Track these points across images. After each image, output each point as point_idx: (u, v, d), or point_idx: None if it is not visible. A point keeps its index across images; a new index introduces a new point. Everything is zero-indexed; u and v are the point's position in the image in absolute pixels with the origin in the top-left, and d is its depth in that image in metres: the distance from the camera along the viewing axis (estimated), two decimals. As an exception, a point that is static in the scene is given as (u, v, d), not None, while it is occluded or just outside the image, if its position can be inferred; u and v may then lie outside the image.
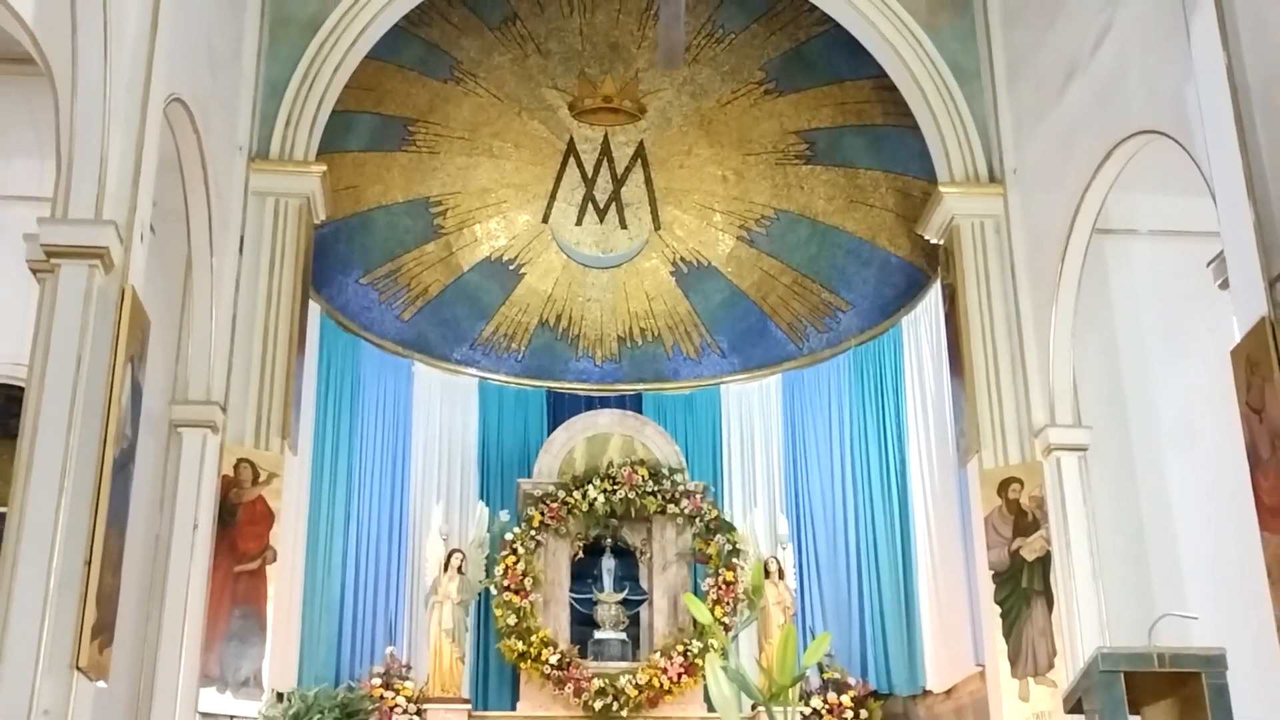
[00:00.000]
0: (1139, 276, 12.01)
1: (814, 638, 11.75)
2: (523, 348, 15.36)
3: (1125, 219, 11.80)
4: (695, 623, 12.87)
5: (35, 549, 7.39)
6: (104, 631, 7.91)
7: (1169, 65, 9.46)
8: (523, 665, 12.90)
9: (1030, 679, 11.00)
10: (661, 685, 12.70)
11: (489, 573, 13.21)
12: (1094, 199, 11.10)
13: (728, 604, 13.13)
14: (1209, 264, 9.67)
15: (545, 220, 15.29)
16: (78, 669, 7.44)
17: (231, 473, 11.06)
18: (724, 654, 11.85)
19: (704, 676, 11.83)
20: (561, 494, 13.56)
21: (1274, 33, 8.19)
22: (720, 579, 13.30)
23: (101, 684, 8.02)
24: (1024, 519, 11.40)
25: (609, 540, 13.81)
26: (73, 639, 7.40)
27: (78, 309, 7.90)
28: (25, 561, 7.37)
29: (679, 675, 12.73)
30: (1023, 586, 11.23)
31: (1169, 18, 9.31)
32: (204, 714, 10.43)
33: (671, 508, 13.57)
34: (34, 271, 8.10)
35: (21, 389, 8.02)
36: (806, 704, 12.65)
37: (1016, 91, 12.59)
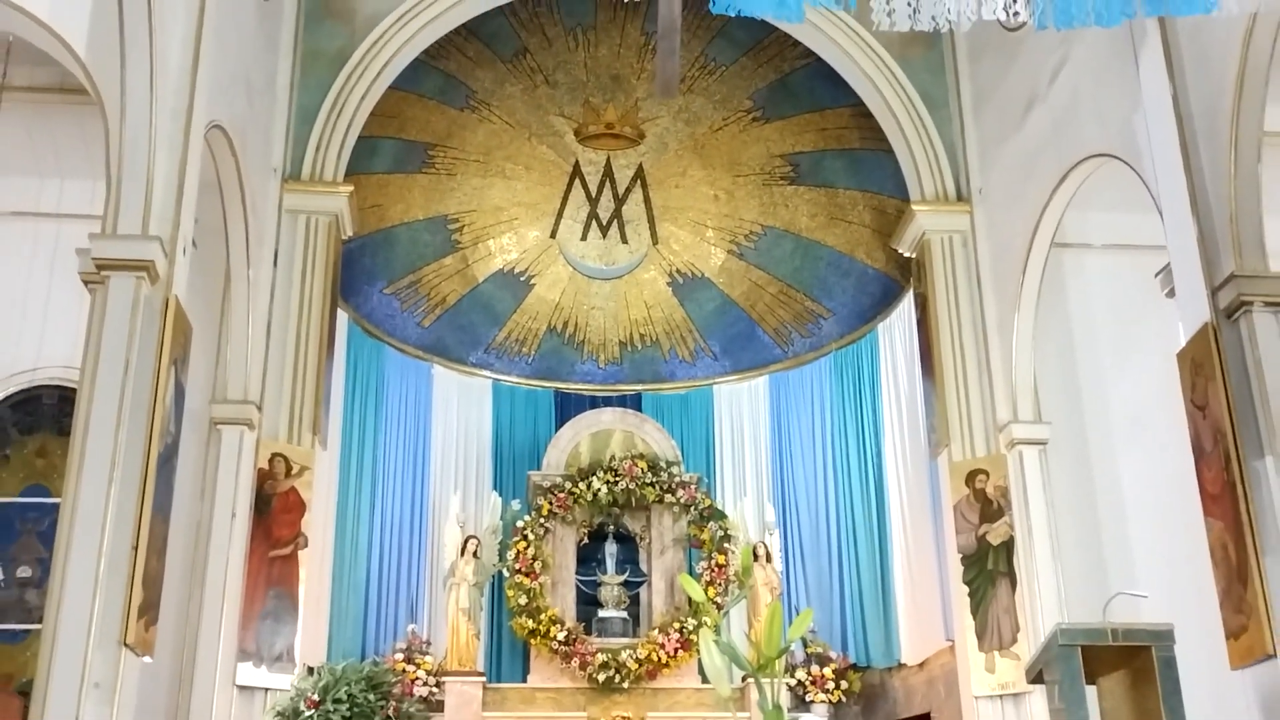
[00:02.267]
0: (1093, 286, 12.02)
1: (798, 615, 11.78)
2: (533, 352, 15.35)
3: (1080, 234, 11.80)
4: (690, 602, 12.87)
5: (87, 535, 7.39)
6: (149, 610, 7.90)
7: (1120, 95, 9.48)
8: (533, 641, 12.91)
9: (996, 652, 10.99)
10: (659, 659, 12.71)
11: (502, 557, 13.22)
12: (1052, 216, 11.12)
13: (720, 585, 13.15)
14: (1157, 275, 9.65)
15: (553, 236, 15.28)
16: (125, 645, 7.44)
17: (266, 466, 11.04)
18: (716, 630, 11.86)
19: (698, 650, 11.81)
20: (568, 485, 13.57)
21: (1215, 66, 8.21)
22: (713, 562, 13.31)
23: (147, 659, 8.01)
24: (989, 507, 11.39)
25: (611, 527, 13.82)
26: (121, 617, 7.40)
27: (126, 317, 7.90)
28: (77, 547, 7.37)
29: (675, 650, 12.74)
30: (988, 568, 11.23)
31: (1120, 52, 9.33)
32: (241, 686, 10.40)
33: (668, 497, 13.58)
34: (86, 283, 8.11)
35: (74, 390, 8.01)
36: (792, 675, 12.67)
37: (981, 119, 12.60)
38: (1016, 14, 3.43)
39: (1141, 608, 8.38)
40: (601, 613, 13.34)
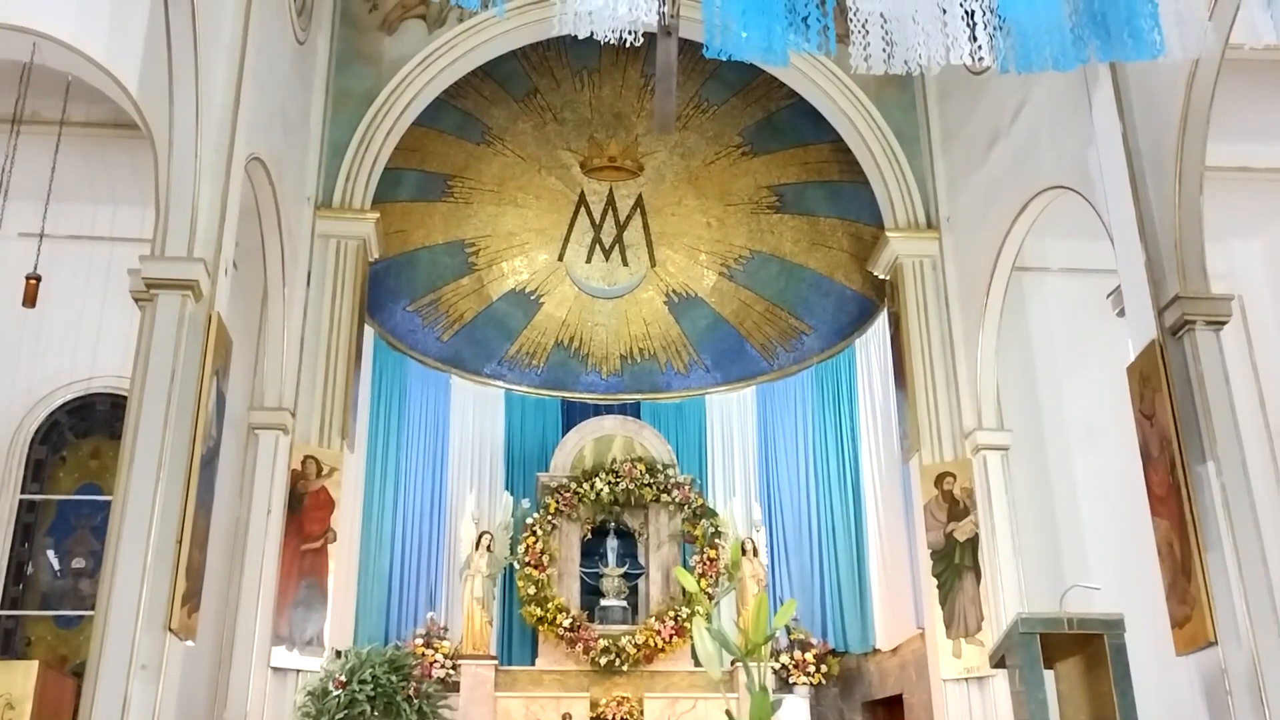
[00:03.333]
0: (1051, 306, 12.03)
1: (782, 605, 11.75)
2: (541, 364, 15.34)
3: (1039, 258, 11.81)
4: (684, 592, 12.84)
5: (135, 530, 7.38)
6: (192, 598, 7.87)
7: (1075, 132, 9.50)
8: (541, 627, 12.87)
9: (962, 639, 10.97)
10: (656, 644, 12.68)
11: (513, 551, 13.18)
12: (1013, 242, 11.12)
13: (711, 577, 13.11)
14: (1108, 295, 9.66)
15: (560, 259, 15.29)
16: (170, 630, 7.42)
17: (299, 467, 11.02)
18: (708, 618, 11.83)
19: (692, 637, 11.76)
20: (573, 485, 13.55)
21: (1161, 106, 8.23)
22: (705, 556, 13.28)
23: (189, 643, 7.98)
24: (956, 506, 11.38)
25: (612, 524, 13.79)
26: (166, 604, 7.38)
27: (172, 331, 7.90)
28: (127, 540, 7.36)
29: (670, 636, 12.70)
30: (955, 562, 11.21)
31: (1075, 93, 9.35)
32: (275, 668, 10.37)
33: (664, 497, 13.56)
34: (136, 300, 8.10)
35: (125, 398, 8.00)
36: (777, 660, 12.63)
37: (949, 153, 12.61)
38: (981, 59, 3.43)
39: (1094, 599, 8.39)
40: (603, 602, 13.31)
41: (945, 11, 3.34)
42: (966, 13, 3.32)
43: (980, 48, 3.38)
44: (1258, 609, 7.26)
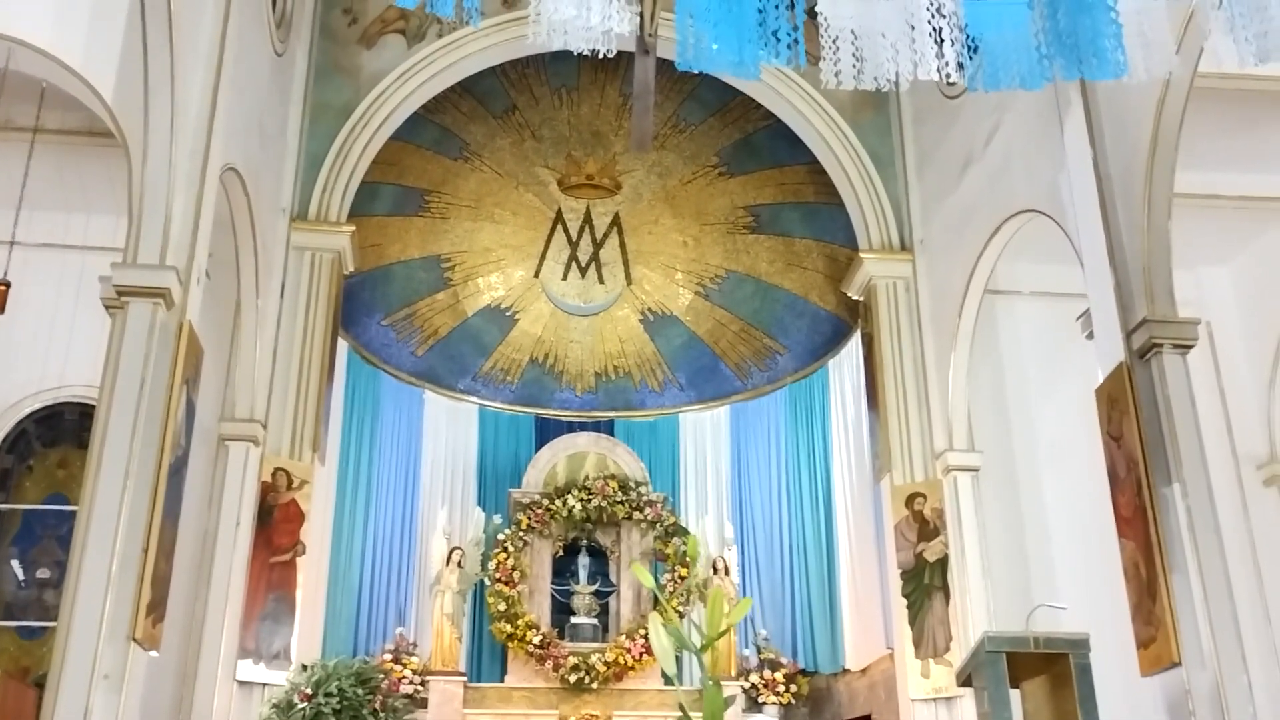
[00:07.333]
0: (1022, 328, 12.10)
1: (738, 601, 11.73)
2: (516, 380, 15.31)
3: (1010, 281, 11.88)
4: (655, 605, 12.79)
5: (101, 538, 7.29)
6: (157, 609, 7.79)
7: (1047, 157, 9.58)
8: (511, 645, 12.80)
9: (931, 659, 10.98)
10: (626, 662, 12.63)
11: (484, 567, 13.13)
12: (985, 265, 11.20)
13: (681, 595, 13.09)
14: (1078, 319, 9.72)
15: (536, 275, 15.29)
16: (134, 640, 7.33)
17: (270, 479, 10.94)
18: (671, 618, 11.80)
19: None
20: (545, 502, 13.50)
21: (1131, 132, 8.33)
22: (676, 574, 13.25)
23: (154, 653, 7.89)
24: (927, 527, 11.41)
25: (584, 541, 13.75)
26: (130, 614, 7.29)
27: (143, 340, 7.83)
28: (92, 549, 7.27)
29: (640, 654, 12.66)
30: (925, 583, 11.22)
31: (1047, 119, 9.44)
32: (241, 681, 10.26)
33: (637, 515, 13.54)
34: (107, 308, 8.02)
35: (94, 407, 7.93)
36: (746, 679, 12.60)
37: (924, 176, 12.70)
38: (949, 75, 3.48)
39: (1061, 619, 8.40)
40: (574, 619, 13.25)
41: (914, 29, 3.38)
42: (934, 29, 3.36)
43: (948, 64, 3.42)
44: (1221, 631, 7.30)
